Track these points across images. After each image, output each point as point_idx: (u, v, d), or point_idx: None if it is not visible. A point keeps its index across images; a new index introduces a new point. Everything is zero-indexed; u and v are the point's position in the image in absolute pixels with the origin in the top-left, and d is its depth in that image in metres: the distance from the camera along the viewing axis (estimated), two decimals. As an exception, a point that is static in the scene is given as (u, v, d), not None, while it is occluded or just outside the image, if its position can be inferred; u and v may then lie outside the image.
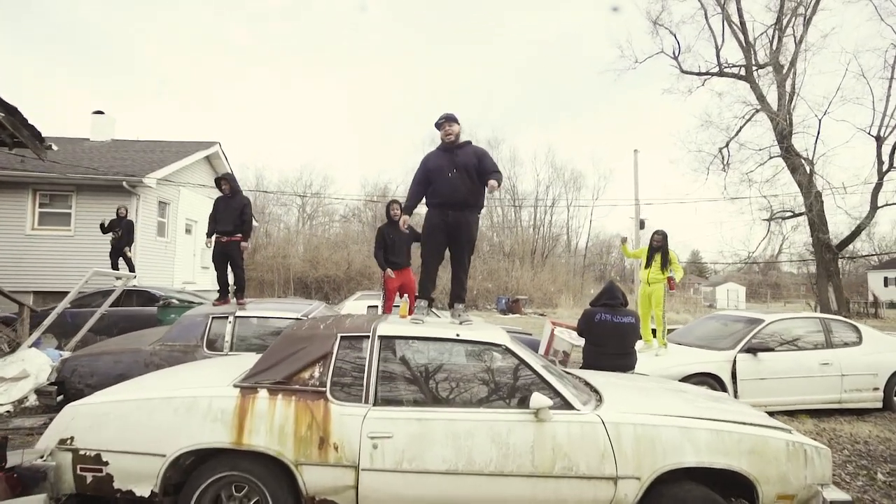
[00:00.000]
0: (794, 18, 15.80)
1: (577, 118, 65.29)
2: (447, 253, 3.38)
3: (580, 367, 3.91)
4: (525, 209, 43.23)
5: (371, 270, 32.30)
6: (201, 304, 6.57)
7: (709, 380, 4.72)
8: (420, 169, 3.38)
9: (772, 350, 4.88)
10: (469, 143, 3.41)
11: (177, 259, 11.98)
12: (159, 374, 3.19)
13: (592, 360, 3.77)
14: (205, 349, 4.14)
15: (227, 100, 66.25)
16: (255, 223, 6.03)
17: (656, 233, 5.58)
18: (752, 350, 4.85)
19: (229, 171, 5.47)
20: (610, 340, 3.73)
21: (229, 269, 5.26)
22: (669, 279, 5.33)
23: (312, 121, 65.15)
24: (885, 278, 36.72)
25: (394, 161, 66.12)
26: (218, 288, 5.20)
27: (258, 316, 4.43)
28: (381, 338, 2.40)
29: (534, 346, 6.44)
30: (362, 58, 66.64)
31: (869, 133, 13.71)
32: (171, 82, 64.49)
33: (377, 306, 6.77)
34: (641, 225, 24.65)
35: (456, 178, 3.20)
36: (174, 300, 7.13)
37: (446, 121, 3.31)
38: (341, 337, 2.39)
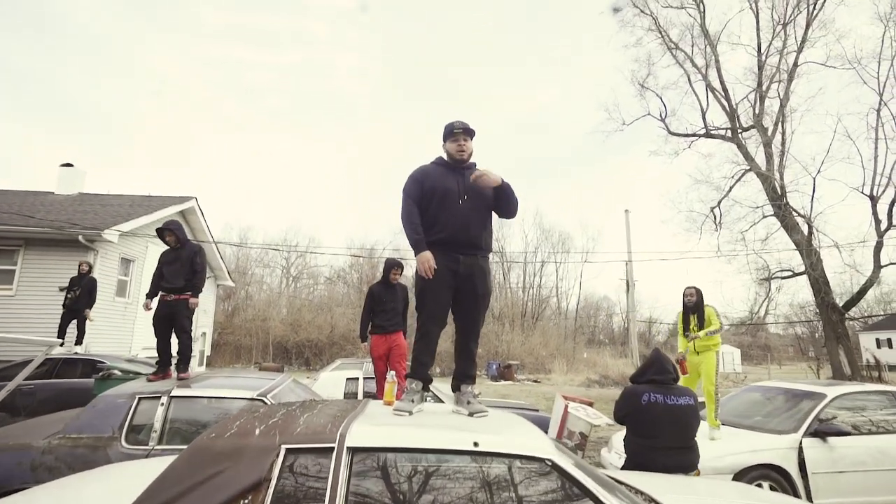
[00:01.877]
0: (773, 84, 16.28)
1: (565, 179, 66.91)
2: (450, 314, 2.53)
3: (623, 467, 2.95)
4: (514, 271, 42.80)
5: (355, 335, 30.82)
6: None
7: (772, 473, 3.75)
8: (414, 188, 2.51)
9: (846, 434, 3.94)
10: (475, 165, 2.65)
11: (138, 322, 10.78)
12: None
13: (642, 456, 2.81)
14: (123, 443, 3.09)
15: (211, 159, 66.84)
16: (208, 275, 5.12)
17: (688, 289, 4.83)
18: (820, 434, 3.92)
19: (175, 220, 4.73)
20: (664, 429, 2.79)
21: (173, 334, 4.34)
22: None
23: (298, 182, 65.74)
24: (878, 339, 36.24)
25: (381, 222, 66.23)
26: (157, 358, 4.23)
27: (201, 396, 3.42)
28: (353, 451, 1.48)
29: (543, 425, 5.44)
30: (349, 120, 68.63)
31: (862, 192, 13.60)
32: (154, 140, 65.19)
33: (357, 378, 5.74)
34: (627, 287, 24.19)
35: (468, 208, 2.42)
36: (117, 371, 6.00)
37: (464, 131, 2.53)
38: (287, 450, 1.46)
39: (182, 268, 4.36)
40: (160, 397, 3.31)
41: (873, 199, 13.41)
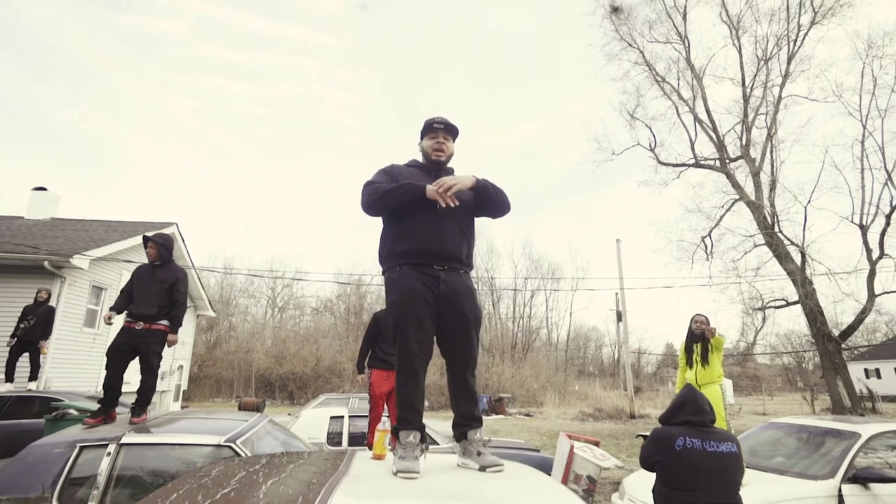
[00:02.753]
0: (759, 116, 16.57)
1: (555, 209, 67.50)
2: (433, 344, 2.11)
3: (654, 525, 2.51)
4: (503, 301, 42.39)
5: (342, 367, 29.87)
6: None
7: (810, 526, 3.32)
8: (381, 176, 2.15)
9: (892, 480, 3.53)
10: (453, 169, 2.30)
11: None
12: None
13: (677, 513, 2.37)
14: None
15: (197, 188, 66.31)
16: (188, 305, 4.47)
17: (698, 316, 4.50)
18: (861, 479, 3.51)
19: (166, 235, 4.19)
20: (703, 481, 2.37)
21: (132, 369, 3.73)
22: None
23: (284, 213, 65.41)
24: (866, 370, 36.17)
25: (369, 254, 65.72)
26: (101, 396, 3.60)
27: (159, 443, 2.92)
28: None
29: (546, 468, 4.94)
30: (338, 152, 68.99)
31: (852, 221, 13.63)
32: (140, 168, 64.67)
33: (342, 417, 5.22)
34: (619, 317, 23.87)
35: (446, 215, 2.04)
36: (73, 410, 5.41)
37: (444, 128, 2.20)
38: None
39: (158, 292, 3.76)
40: (107, 445, 2.80)
41: (863, 229, 13.45)
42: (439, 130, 2.21)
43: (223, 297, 37.89)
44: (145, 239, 3.91)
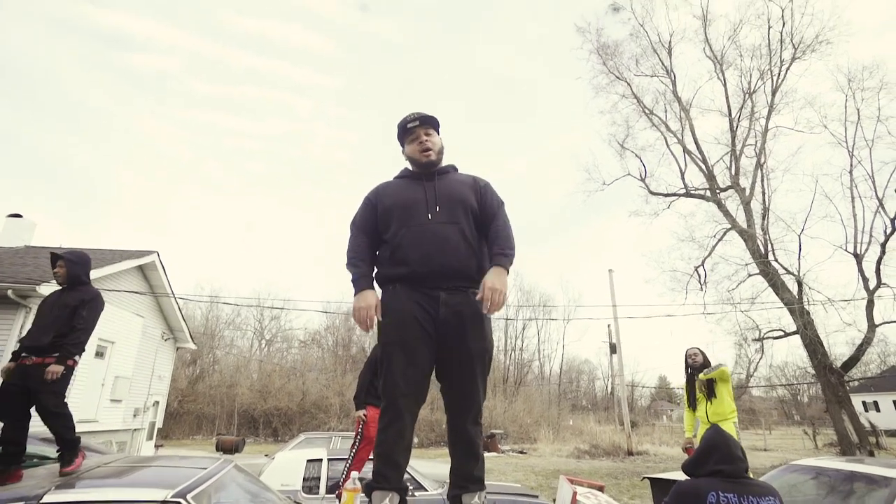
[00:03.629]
0: (747, 146, 16.72)
1: (545, 239, 67.72)
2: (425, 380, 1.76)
3: None
4: (494, 334, 41.72)
5: (328, 402, 28.82)
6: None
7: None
8: (363, 213, 1.91)
9: (940, 535, 3.12)
10: (454, 167, 2.02)
11: (75, 389, 9.41)
12: None
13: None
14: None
15: (186, 220, 65.78)
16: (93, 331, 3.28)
17: (691, 349, 4.20)
18: (904, 534, 3.10)
19: (78, 252, 3.50)
20: (740, 546, 1.96)
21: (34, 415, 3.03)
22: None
23: (273, 245, 64.97)
24: (864, 402, 35.67)
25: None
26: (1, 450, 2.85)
27: (85, 502, 2.45)
28: None
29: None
30: (328, 186, 69.22)
31: (846, 250, 13.53)
32: (130, 199, 64.18)
33: (320, 461, 4.71)
34: (613, 349, 23.40)
35: (442, 224, 1.75)
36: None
37: (420, 122, 1.91)
38: None
39: (58, 318, 3.14)
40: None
41: (858, 257, 13.33)
42: (416, 128, 1.91)
43: (208, 330, 36.88)
44: (54, 257, 3.35)
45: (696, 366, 4.23)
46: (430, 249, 1.70)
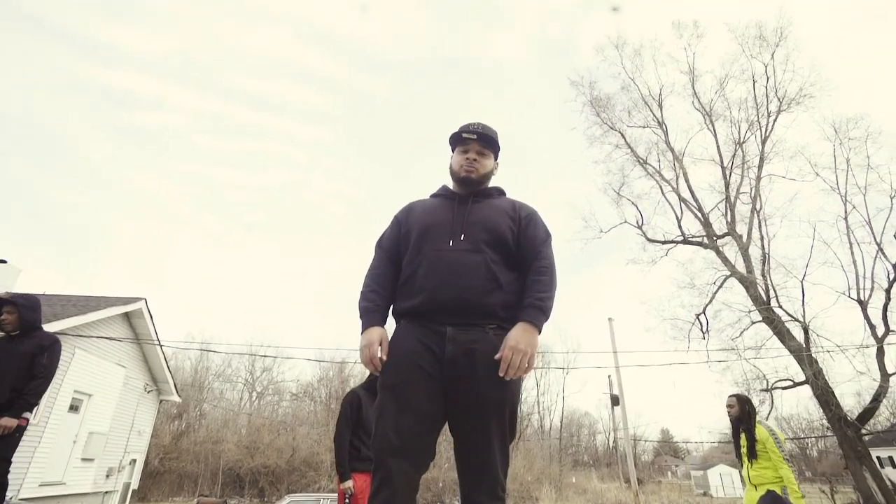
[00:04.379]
0: (741, 194, 16.88)
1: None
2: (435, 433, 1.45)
3: None
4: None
5: (319, 459, 27.41)
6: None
7: None
8: (389, 233, 1.73)
9: None
10: (500, 191, 1.78)
11: (42, 447, 8.73)
12: None
13: None
14: None
15: (180, 269, 65.38)
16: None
17: (728, 399, 3.83)
18: None
19: (29, 295, 3.18)
20: None
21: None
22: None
23: (267, 295, 64.35)
24: (878, 458, 34.21)
25: (354, 337, 64.10)
26: None
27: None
28: None
29: None
30: (324, 236, 69.58)
31: (849, 296, 13.32)
32: (126, 249, 64.00)
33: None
34: (615, 401, 22.55)
35: (462, 252, 1.50)
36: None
37: (478, 138, 1.69)
38: None
39: (16, 369, 2.89)
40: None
41: (862, 304, 13.10)
42: (471, 142, 1.69)
43: (197, 381, 35.68)
44: (1, 302, 3.08)
45: (733, 418, 3.79)
46: (442, 279, 1.47)
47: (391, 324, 1.60)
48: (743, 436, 3.67)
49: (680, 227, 17.51)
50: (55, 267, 58.68)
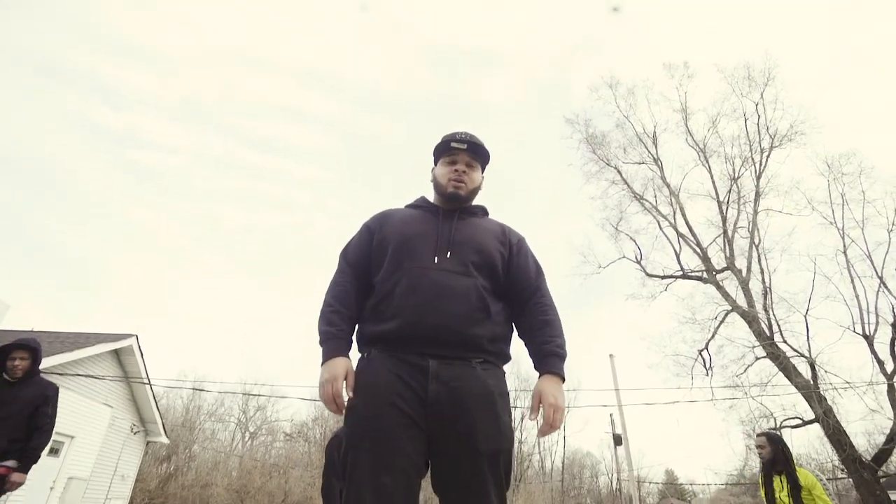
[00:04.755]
0: (738, 229, 16.91)
1: (538, 328, 66.46)
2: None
3: None
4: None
5: (313, 503, 26.32)
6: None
7: None
8: (358, 241, 1.52)
9: None
10: (485, 210, 1.64)
11: (14, 494, 8.27)
12: None
13: None
14: None
15: (174, 306, 64.73)
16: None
17: (758, 438, 3.57)
18: None
19: (29, 339, 3.08)
20: None
21: None
22: None
23: (262, 334, 63.57)
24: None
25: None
26: None
27: None
28: None
29: None
30: (327, 272, 69.30)
31: (854, 331, 13.11)
32: (122, 286, 63.52)
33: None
34: (618, 441, 21.83)
35: (449, 273, 1.34)
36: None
37: (468, 147, 1.55)
38: None
39: (15, 416, 2.77)
40: None
41: (868, 339, 12.88)
42: (460, 152, 1.54)
43: (188, 421, 34.61)
44: (11, 347, 2.94)
45: (766, 460, 3.48)
46: (425, 301, 1.28)
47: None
48: (780, 480, 3.38)
49: (679, 261, 17.46)
50: (48, 303, 58.10)
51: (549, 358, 1.35)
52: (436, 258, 1.35)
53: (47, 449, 9.74)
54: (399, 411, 1.17)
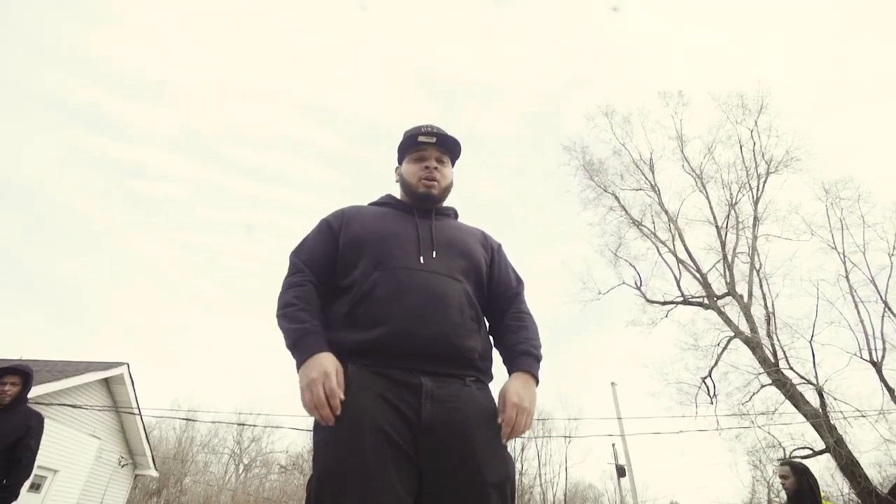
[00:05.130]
0: (738, 254, 16.84)
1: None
2: None
3: None
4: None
5: (305, 540, 25.33)
6: None
7: None
8: (316, 234, 1.35)
9: None
10: (454, 211, 1.52)
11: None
12: None
13: None
14: None
15: (170, 336, 63.99)
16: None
17: (781, 468, 3.37)
18: None
19: (22, 364, 2.94)
20: None
21: None
22: None
23: (258, 364, 62.65)
24: (908, 536, 31.68)
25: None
26: None
27: None
28: None
29: None
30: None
31: (861, 357, 12.87)
32: (117, 316, 62.89)
33: None
34: (621, 472, 21.17)
35: (439, 276, 1.19)
36: None
37: (438, 144, 1.41)
38: None
39: None
40: None
41: (876, 365, 12.63)
42: (428, 146, 1.39)
43: (180, 453, 33.68)
44: (4, 371, 2.81)
45: (790, 492, 3.25)
46: (415, 307, 1.12)
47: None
48: None
49: (679, 287, 17.31)
50: (42, 333, 57.41)
51: (521, 357, 1.23)
52: (421, 258, 1.21)
53: (28, 484, 9.40)
54: (385, 441, 0.99)
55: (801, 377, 12.97)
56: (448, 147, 1.44)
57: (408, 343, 1.10)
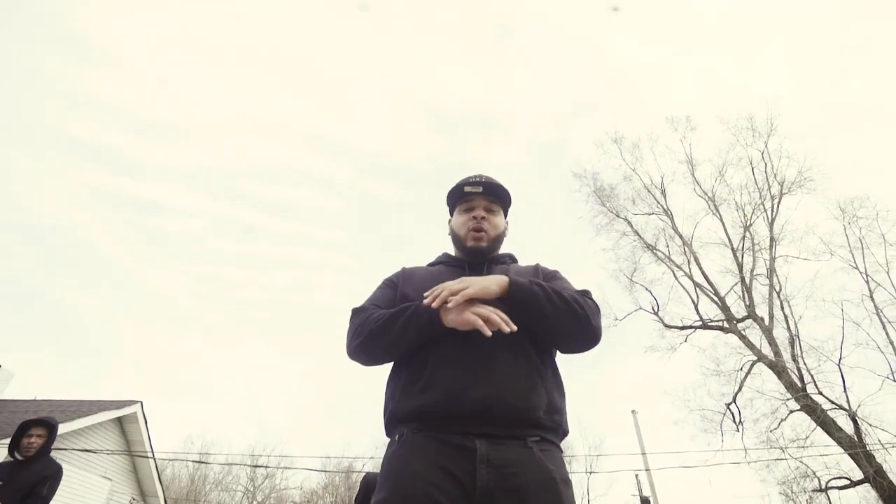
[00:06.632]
0: (756, 276, 16.49)
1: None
2: None
3: None
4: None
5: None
6: None
7: None
8: (381, 290, 1.36)
9: None
10: (512, 258, 1.48)
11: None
12: None
13: None
14: None
15: (181, 371, 63.97)
16: None
17: None
18: None
19: (48, 418, 3.00)
20: None
21: None
22: None
23: (271, 397, 62.07)
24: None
25: (362, 438, 60.69)
26: None
27: None
28: None
29: None
30: (332, 332, 68.74)
31: (893, 380, 12.34)
32: (128, 350, 63.21)
33: None
34: (645, 503, 20.22)
35: (501, 347, 1.14)
36: None
37: (483, 190, 1.39)
38: None
39: (11, 496, 2.61)
40: None
41: (910, 389, 12.10)
42: (475, 196, 1.38)
43: (192, 491, 33.18)
44: (30, 424, 2.86)
45: None
46: (467, 369, 1.10)
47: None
48: None
49: (697, 311, 16.93)
50: (55, 370, 57.81)
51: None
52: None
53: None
54: None
55: (832, 402, 12.45)
56: (497, 195, 1.42)
57: (459, 406, 1.07)
